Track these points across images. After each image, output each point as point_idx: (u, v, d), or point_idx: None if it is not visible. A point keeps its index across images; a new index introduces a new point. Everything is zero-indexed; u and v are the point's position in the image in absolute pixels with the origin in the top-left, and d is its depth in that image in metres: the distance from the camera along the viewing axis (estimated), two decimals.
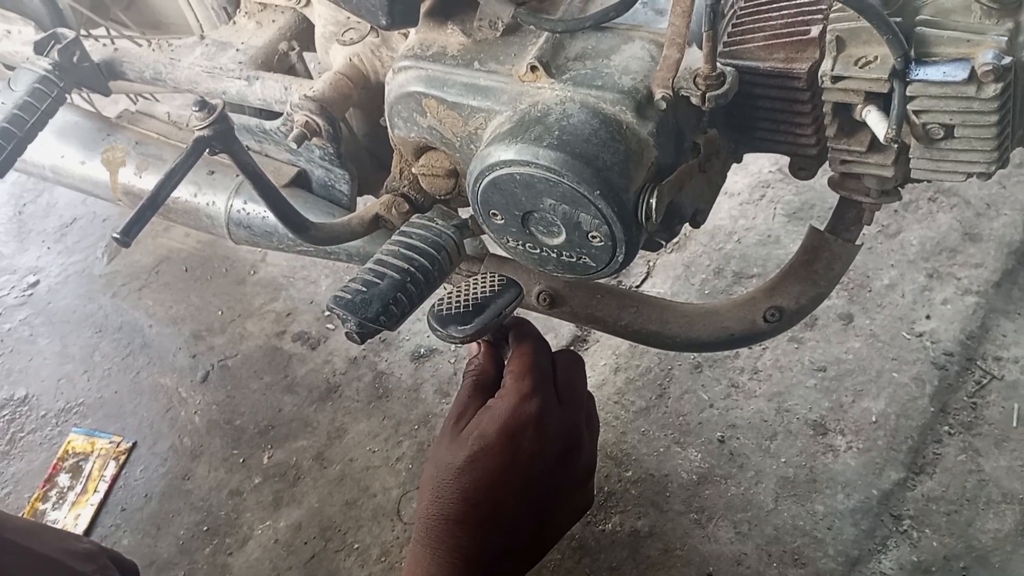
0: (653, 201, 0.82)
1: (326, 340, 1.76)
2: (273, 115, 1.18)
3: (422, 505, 0.72)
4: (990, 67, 0.72)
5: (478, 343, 0.83)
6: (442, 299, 0.79)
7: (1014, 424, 1.42)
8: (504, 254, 1.00)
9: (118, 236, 0.83)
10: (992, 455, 1.40)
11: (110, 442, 1.66)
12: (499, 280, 0.80)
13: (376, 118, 1.09)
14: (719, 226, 1.79)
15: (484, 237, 1.01)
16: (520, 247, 0.92)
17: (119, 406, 1.72)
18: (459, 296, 0.78)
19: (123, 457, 1.63)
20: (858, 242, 0.99)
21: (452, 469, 0.71)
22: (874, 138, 0.82)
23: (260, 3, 1.24)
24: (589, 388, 0.82)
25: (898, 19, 0.76)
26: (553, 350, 0.81)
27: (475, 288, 0.79)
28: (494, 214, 0.89)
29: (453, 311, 0.78)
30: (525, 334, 0.79)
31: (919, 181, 0.87)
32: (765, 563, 1.34)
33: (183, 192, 1.23)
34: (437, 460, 0.73)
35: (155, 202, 0.85)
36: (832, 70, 0.79)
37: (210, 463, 1.61)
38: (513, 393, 0.73)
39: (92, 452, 1.65)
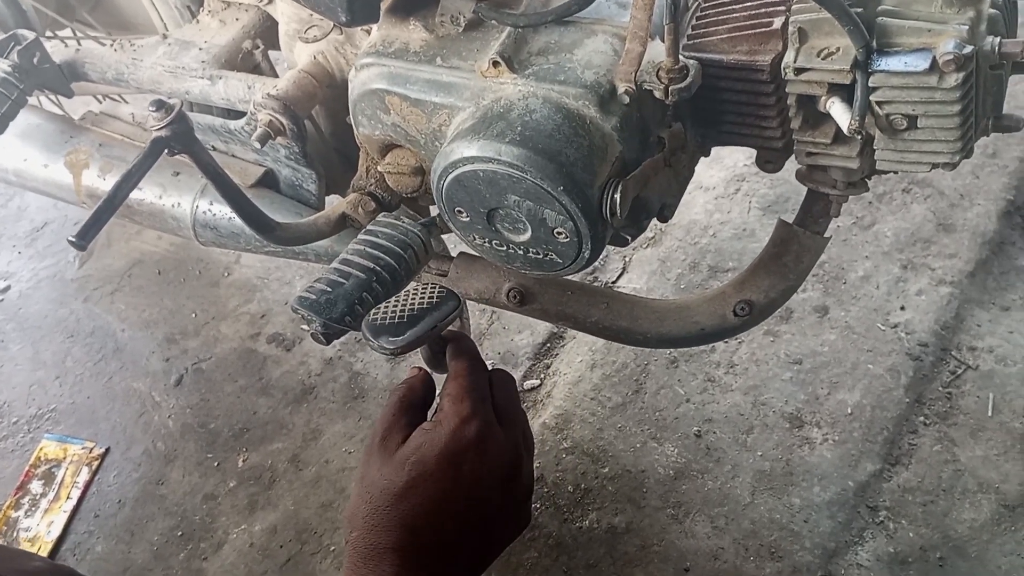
0: (618, 196, 0.81)
1: (301, 341, 1.75)
2: (238, 115, 1.17)
3: (355, 533, 0.69)
4: (951, 56, 0.72)
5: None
6: (378, 308, 0.78)
7: (989, 414, 1.43)
8: (473, 252, 0.99)
9: (74, 239, 0.82)
10: (968, 445, 1.40)
11: (83, 448, 1.64)
12: (438, 292, 0.78)
13: (343, 116, 1.08)
14: (694, 220, 1.78)
15: (446, 236, 1.00)
16: (487, 244, 0.91)
17: (92, 411, 1.70)
18: (396, 306, 0.77)
19: (96, 463, 1.61)
20: (827, 234, 0.98)
21: (389, 495, 0.68)
22: (839, 130, 0.81)
23: (224, 1, 1.23)
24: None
25: (859, 9, 0.75)
26: (500, 367, 0.80)
27: (412, 299, 0.78)
28: (459, 211, 0.88)
29: (387, 321, 0.76)
30: (462, 351, 0.77)
31: (885, 172, 0.87)
32: (742, 557, 1.34)
33: (148, 194, 1.22)
34: (370, 484, 0.70)
35: (112, 204, 0.84)
36: (795, 62, 0.79)
37: (184, 467, 1.59)
38: (452, 416, 0.71)
39: (64, 458, 1.63)
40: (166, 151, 0.85)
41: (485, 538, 0.72)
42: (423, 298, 0.77)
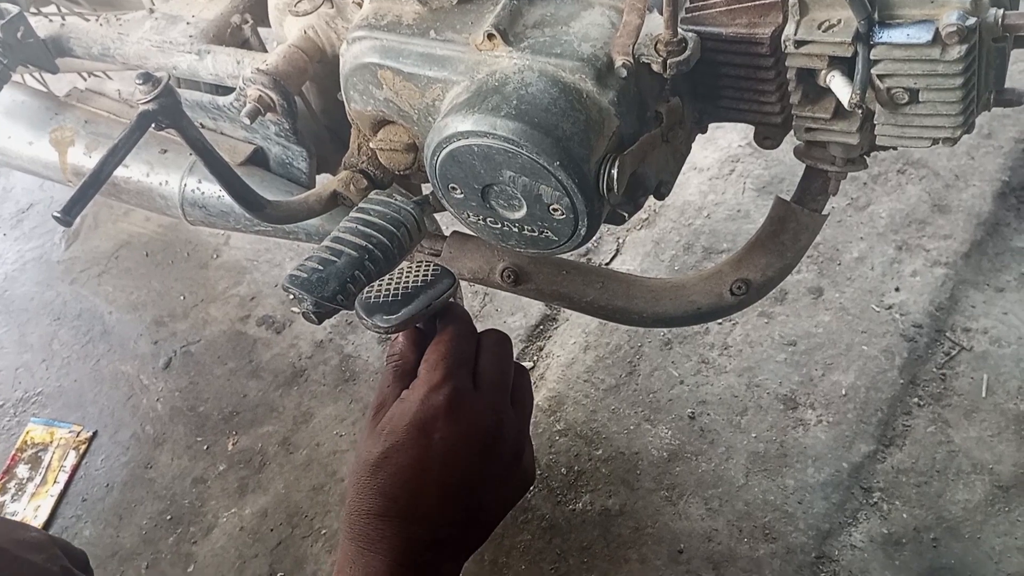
0: (615, 172, 0.79)
1: (291, 324, 1.73)
2: (227, 91, 1.14)
3: (347, 500, 0.71)
4: (954, 28, 0.70)
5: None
6: (372, 286, 0.76)
7: (983, 395, 1.43)
8: (467, 231, 0.97)
9: (59, 215, 0.80)
10: (962, 426, 1.40)
11: (70, 432, 1.62)
12: (433, 270, 0.77)
13: (334, 93, 1.06)
14: (689, 201, 1.77)
15: (439, 216, 0.99)
16: (481, 222, 0.90)
17: (79, 395, 1.68)
18: (390, 284, 0.75)
19: (83, 447, 1.59)
20: (824, 212, 0.97)
21: (368, 466, 0.69)
22: (839, 104, 0.80)
23: None
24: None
25: None
26: (494, 328, 0.79)
27: (407, 277, 0.76)
28: (453, 188, 0.86)
29: (381, 299, 0.75)
30: (450, 320, 0.76)
31: (884, 149, 0.86)
32: (736, 539, 1.33)
33: (135, 172, 1.19)
34: (357, 455, 0.72)
35: (98, 179, 0.82)
36: (795, 34, 0.77)
37: (173, 451, 1.57)
38: (423, 384, 0.71)
39: (51, 442, 1.61)
40: (153, 125, 0.83)
41: (475, 503, 0.71)
42: (417, 276, 0.75)
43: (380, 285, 0.75)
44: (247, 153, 1.17)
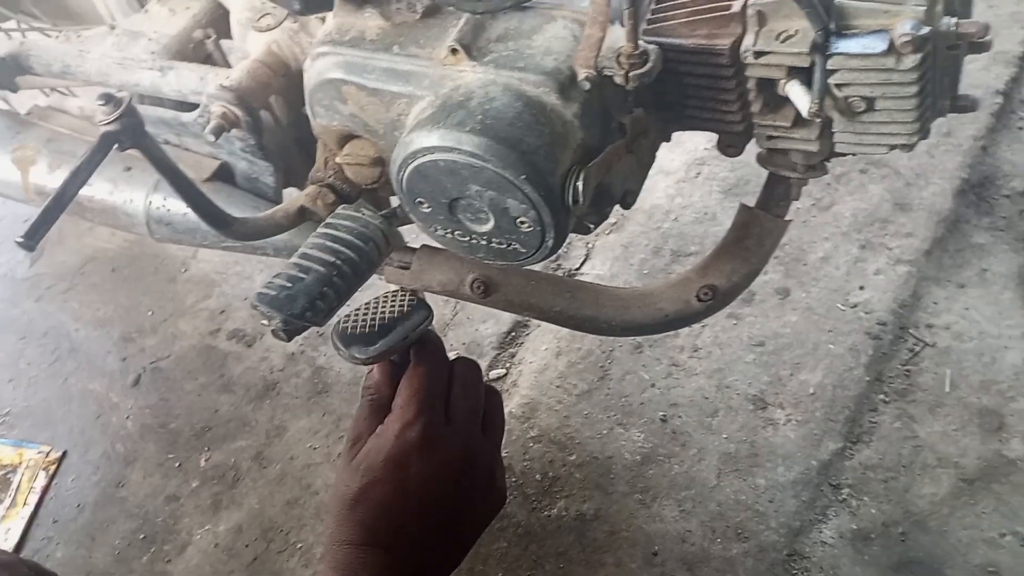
0: (580, 184, 0.80)
1: (262, 337, 1.72)
2: (191, 107, 1.14)
3: (327, 531, 0.73)
4: (909, 38, 0.72)
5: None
6: (348, 316, 0.77)
7: (947, 390, 1.45)
8: (436, 244, 0.98)
9: (22, 240, 0.79)
10: (927, 421, 1.43)
11: (39, 452, 1.60)
12: (409, 301, 0.78)
13: (300, 106, 1.05)
14: (656, 205, 1.79)
15: (404, 228, 0.99)
16: (449, 235, 0.90)
17: (47, 414, 1.66)
18: (366, 315, 0.76)
19: (53, 467, 1.58)
20: (787, 217, 0.99)
21: (347, 500, 0.72)
22: (798, 113, 0.81)
23: None
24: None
25: None
26: (464, 356, 0.81)
27: (383, 308, 0.77)
28: (420, 202, 0.87)
29: (358, 330, 0.76)
30: (423, 354, 0.78)
31: (844, 155, 0.87)
32: (709, 539, 1.35)
33: (98, 190, 1.18)
34: (335, 488, 0.74)
35: (61, 202, 0.81)
36: (754, 45, 0.78)
37: (145, 469, 1.56)
38: (397, 420, 0.74)
39: (20, 463, 1.59)
40: (116, 146, 0.83)
41: (451, 529, 0.74)
42: (394, 307, 0.76)
43: (357, 315, 0.76)
44: (212, 168, 1.16)
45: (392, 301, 0.78)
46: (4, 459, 1.59)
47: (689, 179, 1.82)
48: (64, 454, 1.60)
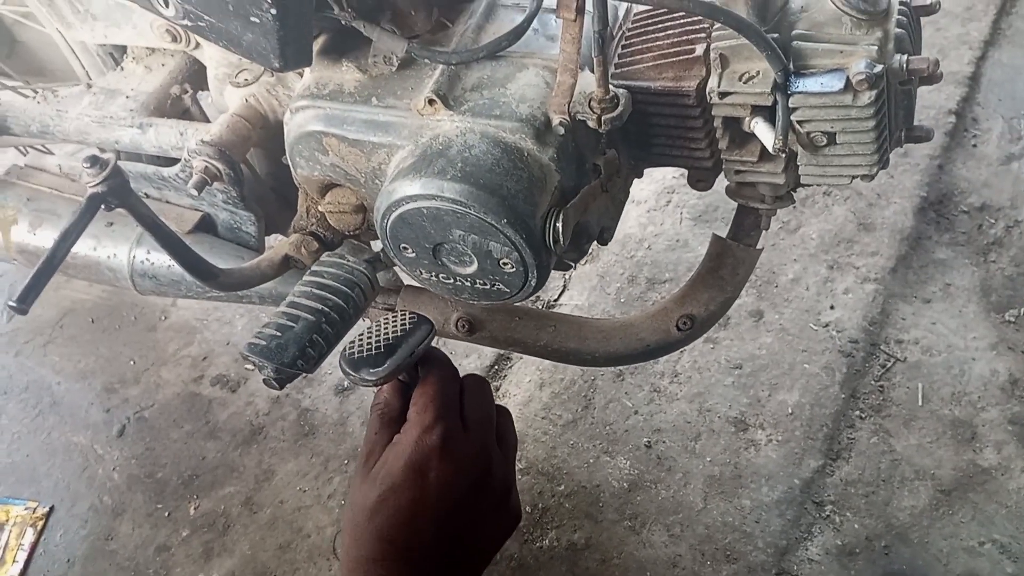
0: (560, 225, 0.83)
1: (246, 381, 1.73)
2: (170, 160, 1.16)
3: (344, 548, 0.73)
4: (863, 76, 0.76)
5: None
6: (353, 342, 0.79)
7: (919, 403, 1.50)
8: (420, 285, 1.00)
9: (14, 304, 0.80)
10: (902, 435, 1.47)
11: (25, 508, 1.59)
12: (410, 318, 0.80)
13: (278, 156, 1.08)
14: (629, 234, 1.83)
15: (397, 268, 1.01)
16: (433, 278, 0.93)
17: (32, 470, 1.65)
18: (370, 338, 0.78)
19: (41, 523, 1.56)
20: (759, 246, 1.02)
21: (365, 511, 0.71)
22: (764, 148, 0.85)
23: (148, 48, 1.22)
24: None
25: (775, 35, 0.79)
26: (472, 372, 0.82)
27: (386, 328, 0.79)
28: (404, 248, 0.89)
29: (365, 354, 0.77)
30: (433, 364, 0.79)
31: (809, 186, 0.91)
32: (699, 562, 1.37)
33: (81, 247, 1.19)
34: (352, 502, 0.74)
35: (51, 265, 0.82)
36: (719, 87, 0.82)
37: (134, 520, 1.55)
38: (415, 426, 0.74)
39: (7, 521, 1.57)
40: (103, 206, 0.85)
41: (468, 540, 0.74)
42: (396, 326, 0.78)
43: (361, 340, 0.78)
44: (194, 221, 1.18)
45: (393, 322, 0.80)
46: None
47: (660, 208, 1.86)
48: (51, 509, 1.58)
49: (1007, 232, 1.70)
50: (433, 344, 0.81)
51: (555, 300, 1.76)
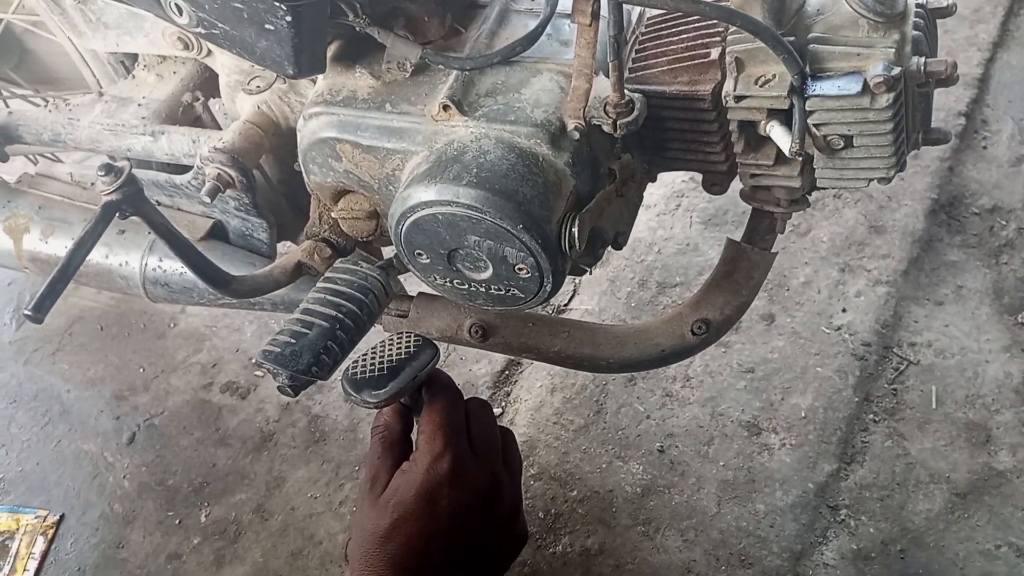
0: (575, 230, 0.83)
1: (256, 388, 1.72)
2: (182, 167, 1.16)
3: (353, 573, 0.73)
4: (881, 78, 0.76)
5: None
6: (356, 362, 0.79)
7: (933, 406, 1.49)
8: (433, 291, 1.00)
9: (30, 312, 0.81)
10: (916, 438, 1.46)
11: (36, 517, 1.58)
12: (415, 341, 0.80)
13: (290, 163, 1.08)
14: (639, 239, 1.82)
15: (402, 277, 1.01)
16: (448, 284, 0.92)
17: (42, 478, 1.65)
18: (373, 359, 0.78)
19: (51, 531, 1.56)
20: (773, 249, 1.02)
21: (376, 538, 0.72)
22: (780, 151, 0.85)
23: (159, 56, 1.22)
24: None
25: (791, 38, 0.79)
26: (476, 382, 0.83)
27: (390, 350, 0.79)
28: (419, 254, 0.89)
29: (367, 375, 0.77)
30: (438, 389, 0.80)
31: (825, 188, 0.91)
32: (714, 568, 1.36)
33: (94, 254, 1.18)
34: (361, 528, 0.74)
35: (66, 274, 0.83)
36: (734, 90, 0.82)
37: (144, 528, 1.55)
38: (426, 454, 0.75)
39: (18, 529, 1.57)
40: (117, 214, 0.85)
41: (474, 566, 0.75)
42: (400, 348, 0.78)
43: (364, 360, 0.77)
44: (206, 228, 1.18)
45: (398, 343, 0.79)
46: (1, 526, 1.58)
47: (669, 211, 1.86)
48: (61, 517, 1.58)
49: (1018, 234, 1.69)
50: (442, 345, 0.81)
51: (565, 305, 1.76)
